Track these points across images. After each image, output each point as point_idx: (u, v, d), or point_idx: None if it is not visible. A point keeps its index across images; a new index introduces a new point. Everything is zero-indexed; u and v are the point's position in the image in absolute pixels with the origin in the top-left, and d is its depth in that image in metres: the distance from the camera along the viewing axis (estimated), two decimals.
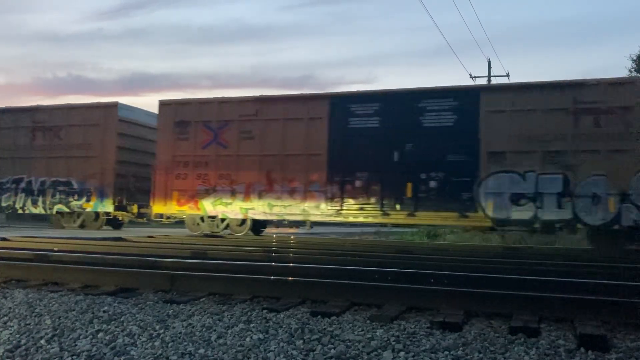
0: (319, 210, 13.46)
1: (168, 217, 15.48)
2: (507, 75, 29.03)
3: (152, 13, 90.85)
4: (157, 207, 15.03)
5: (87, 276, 5.10)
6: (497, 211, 12.08)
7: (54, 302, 4.18)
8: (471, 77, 28.71)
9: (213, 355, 2.89)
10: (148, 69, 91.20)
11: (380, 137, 13.02)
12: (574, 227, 11.81)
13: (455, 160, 12.48)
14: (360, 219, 13.52)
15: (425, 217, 12.92)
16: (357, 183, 13.22)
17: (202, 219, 14.69)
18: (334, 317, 3.75)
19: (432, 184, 12.66)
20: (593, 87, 11.64)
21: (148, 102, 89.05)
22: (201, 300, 4.40)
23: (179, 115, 14.93)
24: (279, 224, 18.08)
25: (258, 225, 15.18)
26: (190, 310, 3.99)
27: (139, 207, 16.78)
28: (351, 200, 13.25)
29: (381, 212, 13.02)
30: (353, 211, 13.26)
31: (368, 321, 3.66)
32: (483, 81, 28.09)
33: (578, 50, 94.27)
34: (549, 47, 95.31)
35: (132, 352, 2.94)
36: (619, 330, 3.53)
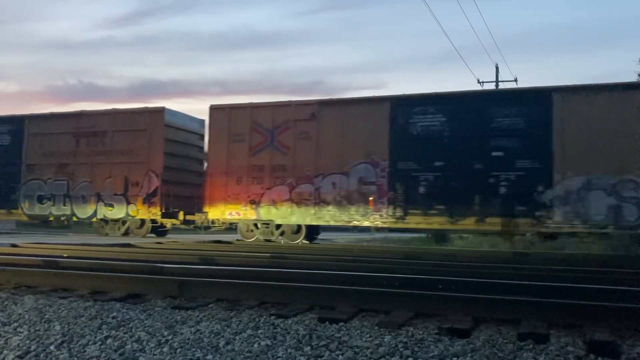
0: None
1: None
2: (515, 80, 28.98)
3: (162, 20, 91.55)
4: None
5: (96, 282, 5.12)
6: (29, 208, 17.30)
7: (63, 308, 4.20)
8: (479, 82, 28.69)
9: None
10: (158, 75, 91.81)
11: None
12: (71, 219, 17.09)
13: (9, 170, 17.61)
14: None
15: None
16: None
17: None
18: (342, 324, 3.74)
19: None
20: (90, 116, 16.96)
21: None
22: (209, 306, 4.40)
23: None
24: None
25: None
26: (198, 316, 3.99)
27: None
28: None
29: None
30: None
31: (376, 327, 3.66)
32: (491, 86, 28.05)
33: (587, 55, 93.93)
34: (558, 52, 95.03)
35: (141, 358, 2.96)
36: (629, 336, 3.50)
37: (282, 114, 14.42)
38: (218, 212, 14.85)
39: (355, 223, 13.55)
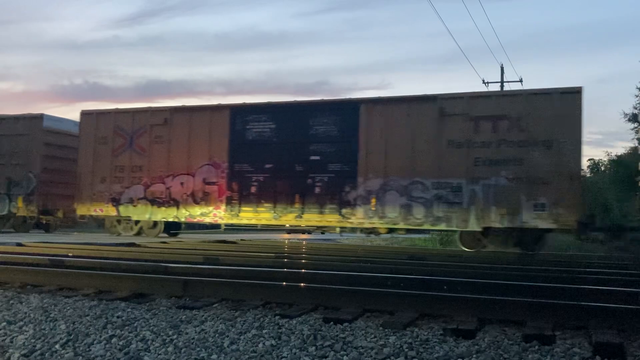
0: None
1: None
2: (520, 80, 28.92)
3: (167, 20, 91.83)
4: None
5: (101, 282, 5.13)
6: None
7: (68, 307, 4.21)
8: (484, 82, 28.63)
9: None
10: (163, 76, 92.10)
11: None
12: None
13: None
14: None
15: None
16: None
17: None
18: (346, 324, 3.74)
19: None
20: None
21: None
22: (214, 306, 4.41)
23: None
24: (290, 230, 18.36)
25: None
26: (203, 316, 4.00)
27: None
28: None
29: None
30: None
31: (381, 328, 3.65)
32: (496, 87, 27.98)
33: (592, 56, 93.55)
34: (563, 53, 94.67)
35: (146, 358, 2.96)
36: (635, 338, 3.48)
37: (140, 119, 15.92)
38: (85, 209, 16.26)
39: (199, 219, 15.27)
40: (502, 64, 29.16)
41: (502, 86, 28.03)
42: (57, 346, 3.14)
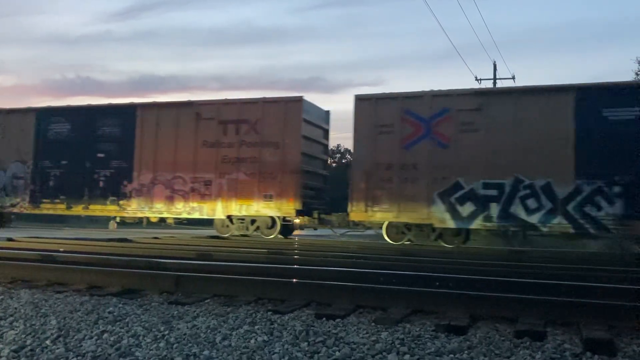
0: None
1: None
2: (513, 77, 29.00)
3: (161, 15, 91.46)
4: None
5: (93, 277, 5.11)
6: None
7: (59, 303, 4.19)
8: (477, 79, 28.68)
9: (218, 357, 2.89)
10: (156, 70, 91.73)
11: None
12: None
13: None
14: None
15: None
16: None
17: None
18: (338, 320, 3.74)
19: None
20: None
21: None
22: (206, 301, 4.40)
23: None
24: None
25: None
26: (195, 311, 3.99)
27: None
28: None
29: None
30: None
31: (373, 324, 3.66)
32: (489, 84, 28.05)
33: (585, 54, 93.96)
34: (556, 51, 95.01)
35: (137, 353, 2.95)
36: (625, 334, 3.51)
37: None
38: None
39: (9, 209, 17.07)
40: (494, 61, 29.23)
41: (494, 83, 28.11)
42: (47, 342, 3.12)
